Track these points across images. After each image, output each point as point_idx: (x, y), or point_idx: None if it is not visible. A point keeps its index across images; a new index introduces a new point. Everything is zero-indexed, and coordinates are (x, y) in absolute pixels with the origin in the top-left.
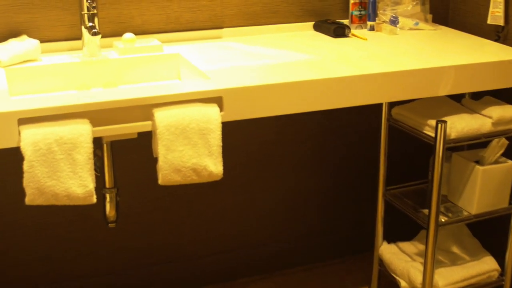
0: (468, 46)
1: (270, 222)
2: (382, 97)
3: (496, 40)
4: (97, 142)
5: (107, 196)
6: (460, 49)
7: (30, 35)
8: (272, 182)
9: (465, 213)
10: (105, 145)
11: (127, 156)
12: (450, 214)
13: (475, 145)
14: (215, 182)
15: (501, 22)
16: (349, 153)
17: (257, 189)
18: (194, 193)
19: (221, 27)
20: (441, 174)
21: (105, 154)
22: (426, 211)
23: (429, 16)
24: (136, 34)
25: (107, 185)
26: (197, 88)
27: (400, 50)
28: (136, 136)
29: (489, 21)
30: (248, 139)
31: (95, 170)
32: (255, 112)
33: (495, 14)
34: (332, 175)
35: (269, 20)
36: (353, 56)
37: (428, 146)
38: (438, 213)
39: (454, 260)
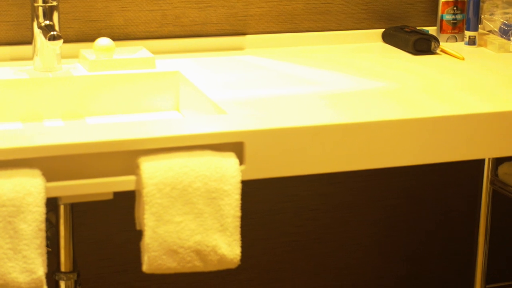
0: None
1: None
2: (485, 150)
3: None
4: (51, 203)
5: (62, 284)
6: None
7: None
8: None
9: None
10: (62, 209)
11: (95, 225)
12: None
13: None
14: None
15: None
16: (431, 231)
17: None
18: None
19: (244, 33)
20: None
21: (62, 222)
22: None
23: None
24: (115, 39)
25: (63, 268)
26: (206, 127)
27: None
28: (111, 197)
29: None
30: (284, 202)
31: (46, 245)
32: (294, 168)
33: None
34: (407, 264)
35: (316, 24)
36: (442, 85)
37: None
38: None
39: None
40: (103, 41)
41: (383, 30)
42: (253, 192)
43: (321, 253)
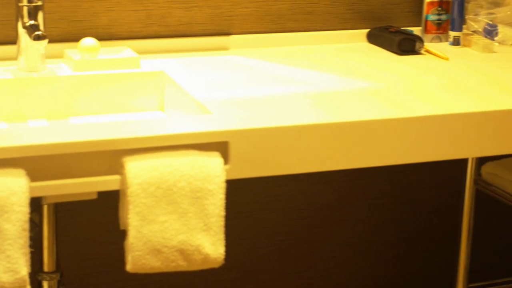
0: None
1: None
2: (469, 150)
3: None
4: (34, 203)
5: (45, 284)
6: None
7: None
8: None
9: None
10: (45, 208)
11: (78, 225)
12: None
13: None
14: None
15: None
16: (416, 230)
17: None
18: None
19: (229, 33)
20: None
21: (45, 222)
22: None
23: None
24: (100, 39)
25: (46, 268)
26: (191, 127)
27: (497, 78)
28: (95, 196)
29: None
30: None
31: (30, 245)
32: (279, 167)
33: None
34: (393, 263)
35: (301, 24)
36: (426, 85)
37: None
38: None
39: None
40: (88, 41)
41: (368, 30)
42: (238, 192)
43: (307, 252)
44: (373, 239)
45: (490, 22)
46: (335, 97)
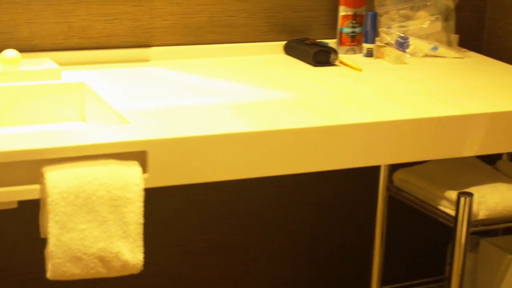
0: (510, 83)
1: None
2: (379, 157)
3: None
4: None
5: None
6: (497, 88)
7: None
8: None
9: None
10: None
11: None
12: None
13: None
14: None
15: None
16: (332, 236)
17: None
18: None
19: (149, 45)
20: (463, 269)
21: None
22: None
23: (454, 38)
24: (21, 51)
25: None
26: (110, 137)
27: (408, 88)
28: (15, 205)
29: None
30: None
31: None
32: (197, 175)
33: None
34: (310, 269)
35: (220, 37)
36: (337, 95)
37: (445, 228)
38: None
39: None
40: (9, 53)
41: (285, 42)
42: (157, 200)
43: (226, 259)
44: (291, 246)
45: (402, 35)
46: (254, 107)
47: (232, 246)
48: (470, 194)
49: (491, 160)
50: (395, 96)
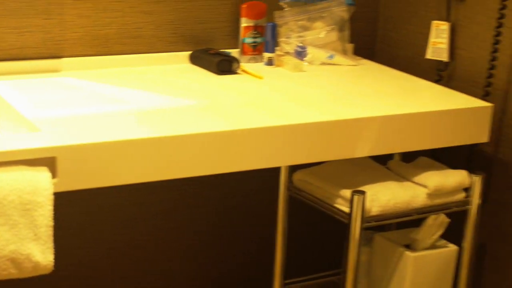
0: (400, 88)
1: None
2: (278, 159)
3: (437, 81)
4: None
5: None
6: (388, 92)
7: None
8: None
9: None
10: None
11: None
12: None
13: (404, 223)
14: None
15: (444, 57)
16: (239, 235)
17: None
18: None
19: (60, 56)
20: (357, 262)
21: None
22: None
23: (349, 47)
24: None
25: None
26: (20, 144)
27: (305, 94)
28: None
29: (428, 55)
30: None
31: None
32: (105, 179)
33: (437, 46)
34: (219, 266)
35: (128, 48)
36: (240, 102)
37: (341, 224)
38: None
39: None
40: None
41: (190, 52)
42: (70, 203)
43: (139, 259)
44: (201, 245)
45: (300, 44)
46: (160, 114)
47: (145, 246)
48: (363, 192)
49: (383, 160)
50: (294, 101)
